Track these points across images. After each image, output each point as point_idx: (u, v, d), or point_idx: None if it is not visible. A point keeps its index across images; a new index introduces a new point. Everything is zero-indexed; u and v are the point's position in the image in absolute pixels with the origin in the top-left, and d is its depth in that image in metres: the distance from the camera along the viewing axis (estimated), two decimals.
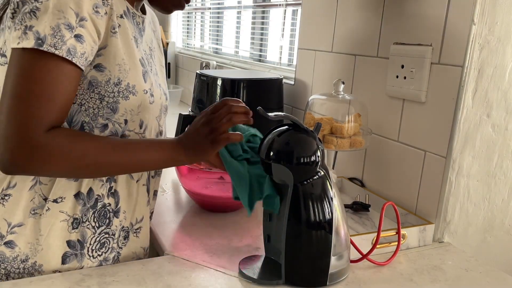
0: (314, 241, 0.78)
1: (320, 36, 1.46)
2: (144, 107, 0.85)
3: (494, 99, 1.00)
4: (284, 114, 0.82)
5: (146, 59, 0.89)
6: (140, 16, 0.89)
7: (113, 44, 0.79)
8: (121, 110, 0.82)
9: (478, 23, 0.94)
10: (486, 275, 0.91)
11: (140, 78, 0.83)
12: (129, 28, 0.83)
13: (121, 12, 0.82)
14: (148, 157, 0.81)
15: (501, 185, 1.08)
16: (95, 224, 0.84)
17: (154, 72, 0.93)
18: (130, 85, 0.81)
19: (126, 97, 0.81)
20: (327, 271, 0.79)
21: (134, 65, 0.83)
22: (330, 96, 1.20)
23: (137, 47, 0.85)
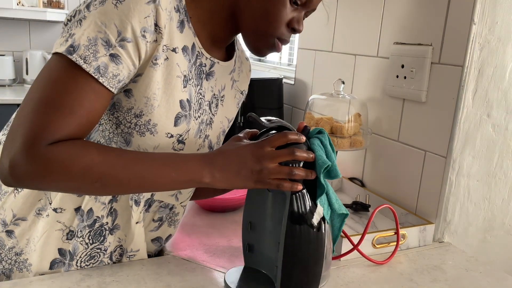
0: (311, 246, 0.77)
1: (320, 36, 1.46)
2: (163, 151, 0.78)
3: (494, 99, 1.00)
4: (276, 120, 0.79)
5: (200, 104, 0.82)
6: (209, 59, 0.82)
7: (149, 75, 0.72)
8: (134, 145, 0.76)
9: (478, 23, 0.94)
10: (486, 275, 0.91)
11: (168, 119, 0.76)
12: (180, 65, 0.76)
13: (178, 46, 0.75)
14: (165, 177, 0.71)
15: (501, 185, 1.08)
16: (88, 241, 0.82)
17: (206, 121, 0.85)
18: (151, 123, 0.74)
19: (142, 133, 0.75)
20: (319, 275, 0.79)
21: (168, 104, 0.75)
22: (330, 96, 1.20)
23: (184, 87, 0.77)
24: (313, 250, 0.77)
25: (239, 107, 0.97)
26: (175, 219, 0.92)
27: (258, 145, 0.73)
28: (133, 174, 0.70)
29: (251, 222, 0.83)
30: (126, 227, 0.84)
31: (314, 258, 0.78)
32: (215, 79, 0.86)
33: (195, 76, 0.80)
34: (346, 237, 0.91)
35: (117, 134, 0.76)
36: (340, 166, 1.34)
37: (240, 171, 0.72)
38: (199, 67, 0.81)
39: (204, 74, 0.83)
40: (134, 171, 0.70)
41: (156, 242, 0.92)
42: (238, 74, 0.93)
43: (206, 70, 0.83)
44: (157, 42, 0.71)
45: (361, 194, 1.23)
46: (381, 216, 1.14)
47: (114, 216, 0.83)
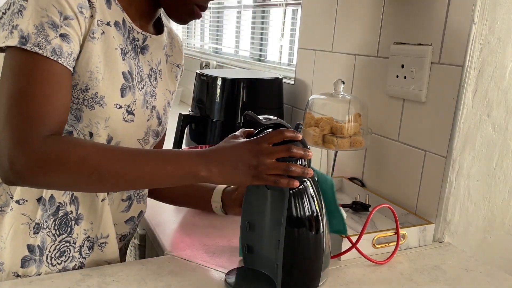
0: (310, 245, 0.77)
1: (320, 36, 1.46)
2: (115, 123, 0.80)
3: (494, 99, 1.00)
4: (273, 118, 0.79)
5: (140, 76, 0.86)
6: (141, 33, 0.86)
7: (88, 49, 0.75)
8: (85, 120, 0.78)
9: (479, 23, 0.94)
10: (486, 275, 0.91)
11: (114, 91, 0.79)
12: (115, 38, 0.80)
13: (108, 19, 0.79)
14: (160, 170, 0.73)
15: (501, 185, 1.08)
16: (55, 232, 0.82)
17: (149, 92, 0.89)
18: (98, 95, 0.77)
19: (92, 106, 0.77)
20: (319, 273, 0.79)
21: (111, 76, 0.79)
22: (330, 96, 1.20)
23: (123, 59, 0.81)
24: (312, 248, 0.77)
25: (178, 80, 1.03)
26: (142, 195, 0.96)
27: (255, 141, 0.74)
28: (128, 167, 0.72)
29: (250, 222, 0.83)
30: (91, 213, 0.85)
31: (313, 256, 0.78)
32: (150, 53, 0.90)
33: (131, 50, 0.84)
34: (345, 237, 0.91)
35: None
36: (340, 166, 1.34)
37: (237, 166, 0.73)
38: (133, 41, 0.85)
39: (139, 49, 0.87)
40: (130, 164, 0.72)
41: (130, 222, 0.94)
42: (171, 49, 1.00)
43: (140, 45, 0.87)
44: (93, 17, 0.75)
45: (361, 194, 1.23)
46: (381, 216, 1.14)
47: (76, 204, 0.83)
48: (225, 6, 2.56)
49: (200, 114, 1.58)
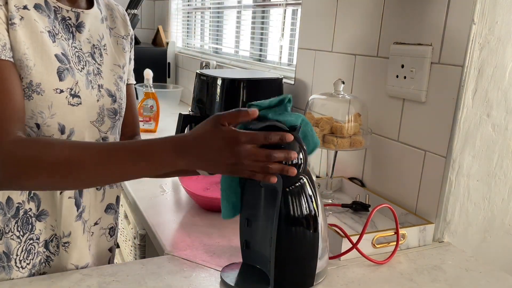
0: (303, 244, 0.77)
1: (320, 36, 1.46)
2: (60, 109, 0.78)
3: (494, 99, 1.00)
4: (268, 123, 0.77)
5: (78, 56, 0.83)
6: (71, 10, 0.83)
7: (12, 38, 0.73)
8: (27, 112, 0.75)
9: (478, 23, 0.94)
10: (486, 275, 0.91)
11: (51, 76, 0.76)
12: (39, 21, 0.76)
13: (28, 4, 0.76)
14: (135, 166, 0.71)
15: (501, 185, 1.08)
16: (19, 233, 0.80)
17: (92, 71, 0.86)
18: (34, 83, 0.75)
19: (29, 96, 0.75)
20: (314, 272, 0.79)
21: (43, 61, 0.76)
22: (330, 96, 1.20)
23: (54, 42, 0.78)
24: (305, 247, 0.77)
25: (127, 51, 0.98)
26: None
27: (238, 140, 0.67)
28: (103, 164, 0.70)
29: (248, 219, 0.84)
30: (53, 209, 0.83)
31: (307, 255, 0.78)
32: (88, 29, 0.86)
33: (63, 31, 0.81)
34: (346, 237, 0.91)
35: None
36: (340, 166, 1.34)
37: (215, 161, 0.69)
38: (63, 21, 0.82)
39: (73, 27, 0.84)
40: (104, 161, 0.70)
41: (110, 211, 0.93)
42: (113, 21, 0.96)
43: (74, 23, 0.84)
44: (7, 4, 0.73)
45: (361, 194, 1.23)
46: (381, 216, 1.15)
47: (37, 201, 0.81)
48: (225, 6, 2.56)
49: (200, 114, 1.57)
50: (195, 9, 2.97)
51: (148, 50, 2.94)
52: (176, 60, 2.98)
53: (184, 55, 2.86)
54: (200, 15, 2.92)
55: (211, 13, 2.72)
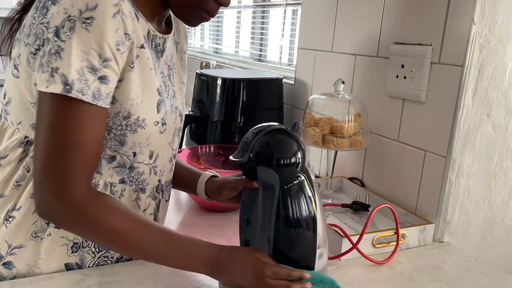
0: (300, 243, 0.77)
1: (320, 36, 1.46)
2: (154, 138, 0.82)
3: (494, 99, 1.00)
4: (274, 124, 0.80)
5: (164, 83, 0.85)
6: (161, 37, 0.84)
7: (130, 79, 0.74)
8: (129, 143, 0.79)
9: (478, 23, 0.94)
10: (486, 275, 0.91)
11: (152, 110, 0.80)
12: (149, 58, 0.79)
13: (142, 41, 0.77)
14: (172, 256, 0.76)
15: (501, 184, 1.08)
16: (95, 249, 0.83)
17: (171, 95, 0.88)
18: (140, 119, 0.77)
19: (134, 130, 0.78)
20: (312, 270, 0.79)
21: (149, 97, 0.79)
22: (330, 96, 1.20)
23: (155, 75, 0.81)
24: (303, 247, 0.77)
25: (186, 66, 1.00)
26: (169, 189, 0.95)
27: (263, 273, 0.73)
28: (148, 249, 0.75)
29: (247, 218, 0.84)
30: None
31: (306, 253, 0.78)
32: (167, 51, 0.88)
33: (155, 59, 0.83)
34: (346, 237, 0.91)
35: (110, 139, 0.77)
36: (340, 166, 1.34)
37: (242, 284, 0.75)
38: (155, 48, 0.83)
39: (159, 53, 0.85)
40: (150, 247, 0.75)
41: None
42: (179, 35, 0.96)
43: (160, 49, 0.85)
44: (129, 48, 0.73)
45: (361, 194, 1.23)
46: (381, 216, 1.14)
47: None
48: None
49: (200, 114, 1.58)
50: None
51: None
52: None
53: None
54: None
55: None
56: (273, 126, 0.79)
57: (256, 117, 1.52)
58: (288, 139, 0.78)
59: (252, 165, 0.77)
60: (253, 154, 0.77)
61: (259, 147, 0.77)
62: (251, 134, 0.79)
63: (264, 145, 0.77)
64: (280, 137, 0.78)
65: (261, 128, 0.79)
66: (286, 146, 0.77)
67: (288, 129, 0.80)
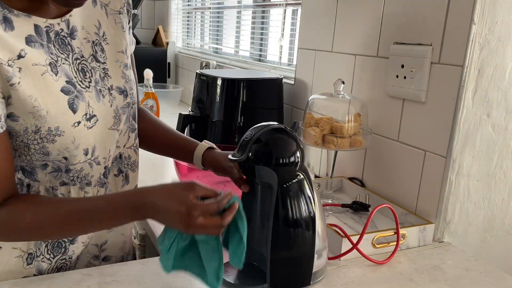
0: (299, 242, 0.77)
1: (320, 36, 1.46)
2: (82, 138, 0.76)
3: (494, 99, 1.00)
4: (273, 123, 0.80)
5: (83, 69, 0.77)
6: (60, 22, 0.73)
7: (18, 95, 0.68)
8: (54, 152, 0.74)
9: (478, 23, 0.94)
10: (486, 275, 0.91)
11: (65, 114, 0.73)
12: (37, 60, 0.70)
13: (21, 48, 0.68)
14: (100, 226, 0.76)
15: (501, 184, 1.08)
16: (50, 255, 0.82)
17: (101, 75, 0.79)
18: (53, 129, 0.72)
19: (52, 140, 0.73)
20: (311, 271, 0.79)
21: (54, 103, 0.71)
22: (330, 96, 1.20)
23: (56, 74, 0.72)
24: (301, 246, 0.77)
25: (126, 29, 0.86)
26: (132, 162, 0.91)
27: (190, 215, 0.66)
28: (67, 229, 0.74)
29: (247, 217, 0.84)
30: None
31: (303, 254, 0.78)
32: (81, 27, 0.77)
33: (61, 49, 0.74)
34: (346, 237, 0.91)
35: (32, 154, 0.74)
36: (340, 166, 1.34)
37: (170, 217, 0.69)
38: (57, 37, 0.73)
39: (68, 38, 0.75)
40: (68, 227, 0.73)
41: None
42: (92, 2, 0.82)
43: (67, 32, 0.75)
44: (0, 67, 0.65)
45: (361, 194, 1.23)
46: (381, 216, 1.14)
47: None
48: (225, 6, 2.56)
49: (200, 114, 1.57)
50: (195, 9, 2.97)
51: (148, 50, 2.94)
52: (176, 60, 2.98)
53: (184, 55, 2.86)
54: (200, 15, 2.92)
55: (211, 13, 2.72)
56: (272, 125, 0.79)
57: (256, 117, 1.52)
58: (287, 138, 0.78)
59: (251, 164, 0.78)
60: (252, 153, 0.77)
61: (258, 146, 0.77)
62: (250, 133, 0.79)
63: (263, 144, 0.77)
64: (279, 136, 0.78)
65: (260, 127, 0.79)
66: (284, 145, 0.77)
67: (287, 128, 0.80)
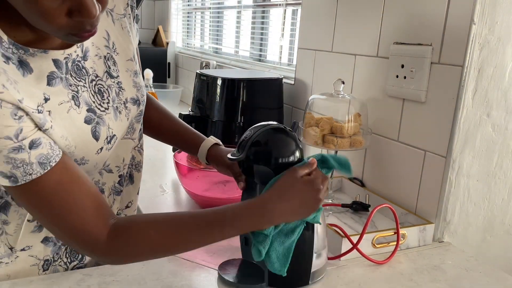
0: (297, 241, 0.77)
1: (320, 36, 1.46)
2: (103, 159, 0.75)
3: (494, 99, 1.00)
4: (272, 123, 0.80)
5: (99, 90, 0.74)
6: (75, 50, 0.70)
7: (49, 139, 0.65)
8: None
9: (478, 23, 0.94)
10: (486, 275, 0.91)
11: (89, 144, 0.72)
12: (63, 99, 0.67)
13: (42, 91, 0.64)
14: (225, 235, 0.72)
15: (501, 184, 1.08)
16: (67, 260, 0.82)
17: (115, 91, 0.77)
18: (78, 159, 0.71)
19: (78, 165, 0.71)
20: (309, 270, 0.79)
21: (79, 137, 0.70)
22: (330, 96, 1.20)
23: (79, 106, 0.70)
24: (301, 243, 0.77)
25: (131, 33, 0.82)
26: (136, 162, 0.92)
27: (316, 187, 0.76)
28: (192, 241, 0.72)
29: None
30: None
31: (302, 251, 0.78)
32: (91, 44, 0.73)
33: (77, 77, 0.71)
34: (346, 237, 0.91)
35: None
36: None
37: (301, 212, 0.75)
38: (73, 65, 0.70)
39: (82, 62, 0.72)
40: (193, 238, 0.71)
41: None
42: (112, 1, 0.78)
43: (81, 56, 0.72)
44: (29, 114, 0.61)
45: (361, 194, 1.23)
46: (381, 216, 1.15)
47: None
48: (225, 6, 2.56)
49: (200, 114, 1.57)
50: (195, 9, 2.97)
51: (148, 50, 2.94)
52: (176, 60, 2.98)
53: (184, 55, 2.86)
54: (200, 15, 2.92)
55: (211, 13, 2.72)
56: (270, 125, 0.79)
57: (256, 117, 1.52)
58: (286, 138, 0.78)
59: (250, 163, 0.78)
60: (250, 152, 0.77)
61: (257, 145, 0.77)
62: (249, 133, 0.79)
63: (262, 144, 0.77)
64: (278, 136, 0.78)
65: (259, 127, 0.79)
66: (283, 145, 0.78)
67: (286, 128, 0.80)
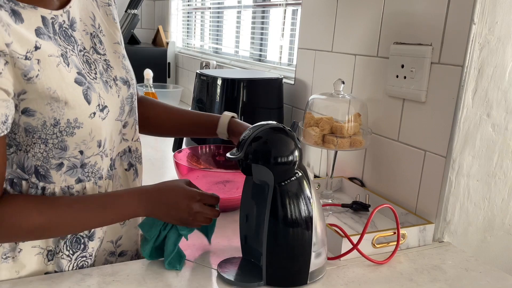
0: (295, 240, 0.77)
1: (320, 36, 1.46)
2: (98, 129, 0.76)
3: (494, 99, 1.00)
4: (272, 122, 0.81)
5: (87, 61, 0.77)
6: (62, 14, 0.73)
7: (33, 89, 0.67)
8: (71, 146, 0.75)
9: (478, 23, 0.94)
10: (486, 275, 0.91)
11: (81, 105, 0.73)
12: (53, 53, 0.70)
13: (33, 39, 0.67)
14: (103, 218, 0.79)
15: (501, 184, 1.08)
16: (69, 252, 0.82)
17: (103, 68, 0.80)
18: (71, 120, 0.72)
19: (72, 133, 0.73)
20: (307, 270, 0.79)
21: (71, 94, 0.71)
22: (330, 96, 1.20)
23: (68, 65, 0.72)
24: (299, 242, 0.77)
25: (117, 20, 0.88)
26: (139, 155, 0.95)
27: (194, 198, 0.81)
28: (75, 224, 0.76)
29: (247, 214, 0.85)
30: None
31: (300, 250, 0.78)
32: (79, 19, 0.78)
33: (66, 42, 0.74)
34: (346, 237, 0.91)
35: (50, 150, 0.74)
36: (340, 166, 1.34)
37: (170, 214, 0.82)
38: (61, 29, 0.73)
39: (69, 30, 0.75)
40: (76, 221, 0.76)
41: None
42: None
43: (68, 24, 0.75)
44: (10, 63, 0.64)
45: (361, 194, 1.23)
46: (381, 216, 1.15)
47: None
48: (225, 6, 2.56)
49: None
50: (195, 9, 2.97)
51: (148, 50, 2.94)
52: (176, 60, 2.99)
53: (184, 55, 2.86)
54: (200, 15, 2.92)
55: (211, 13, 2.72)
56: (270, 125, 0.79)
57: (256, 117, 1.52)
58: (285, 137, 0.78)
59: (248, 162, 0.78)
60: (249, 151, 0.77)
61: (255, 145, 0.77)
62: (248, 132, 0.79)
63: (260, 143, 0.77)
64: (277, 135, 0.79)
65: (258, 126, 0.79)
66: (282, 144, 0.78)
67: (285, 127, 0.80)
